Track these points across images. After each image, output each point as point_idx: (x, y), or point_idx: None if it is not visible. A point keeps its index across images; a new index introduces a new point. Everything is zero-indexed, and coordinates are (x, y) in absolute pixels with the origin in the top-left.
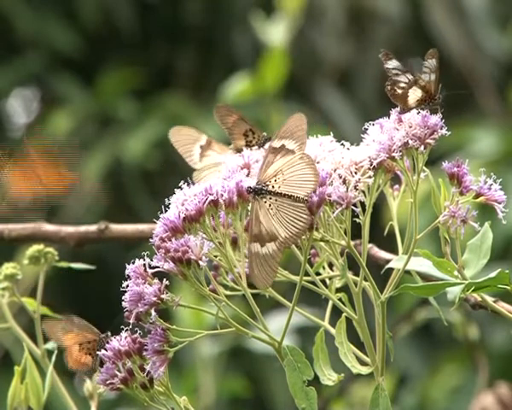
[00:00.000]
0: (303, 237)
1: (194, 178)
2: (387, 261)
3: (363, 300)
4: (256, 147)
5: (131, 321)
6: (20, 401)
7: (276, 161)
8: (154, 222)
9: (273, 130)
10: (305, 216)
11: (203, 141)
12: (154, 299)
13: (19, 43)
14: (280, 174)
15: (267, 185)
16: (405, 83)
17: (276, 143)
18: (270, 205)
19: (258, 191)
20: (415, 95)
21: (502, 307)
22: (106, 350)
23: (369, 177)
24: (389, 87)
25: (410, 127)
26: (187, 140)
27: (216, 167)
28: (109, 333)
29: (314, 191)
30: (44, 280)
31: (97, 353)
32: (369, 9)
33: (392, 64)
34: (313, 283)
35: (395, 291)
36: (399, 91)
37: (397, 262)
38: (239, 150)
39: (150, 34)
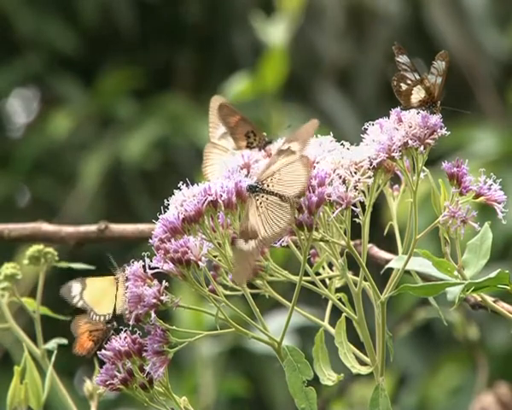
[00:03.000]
0: (283, 237)
1: (205, 153)
2: (387, 261)
3: (363, 300)
4: (257, 149)
5: (131, 322)
6: (20, 401)
7: (278, 162)
8: (154, 222)
9: (273, 130)
10: (287, 216)
11: (228, 130)
12: (154, 301)
13: (19, 44)
14: (277, 173)
15: (262, 184)
16: (411, 80)
17: (284, 146)
18: (260, 203)
19: (253, 189)
20: (418, 95)
21: (502, 307)
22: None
23: (369, 177)
24: (395, 82)
25: (410, 127)
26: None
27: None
28: (115, 323)
29: (303, 192)
30: (44, 280)
31: (99, 340)
32: (368, 9)
33: (403, 59)
34: (313, 283)
35: (395, 291)
36: (404, 87)
37: (397, 262)
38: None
39: (150, 34)
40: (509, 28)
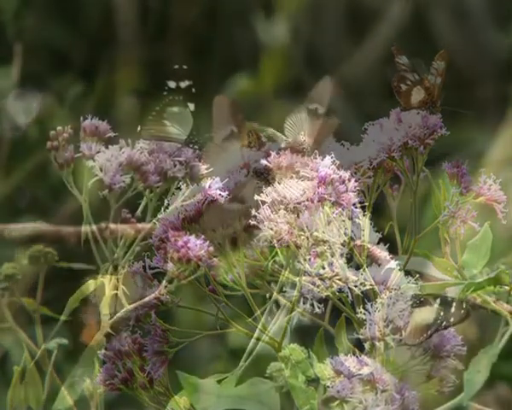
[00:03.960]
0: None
1: (204, 152)
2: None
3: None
4: (254, 148)
5: (131, 323)
6: (20, 401)
7: (289, 158)
8: (154, 222)
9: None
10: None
11: (235, 128)
12: (154, 301)
13: (19, 43)
14: (284, 170)
15: (269, 174)
16: (411, 81)
17: (299, 139)
18: (254, 189)
19: (258, 174)
20: (418, 95)
21: (502, 306)
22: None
23: (369, 177)
24: (395, 83)
25: (410, 127)
26: (225, 115)
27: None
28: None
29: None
30: (44, 280)
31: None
32: (369, 8)
33: (402, 60)
34: (313, 283)
35: (395, 291)
36: (404, 88)
37: (397, 262)
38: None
39: (150, 34)
40: (509, 28)
